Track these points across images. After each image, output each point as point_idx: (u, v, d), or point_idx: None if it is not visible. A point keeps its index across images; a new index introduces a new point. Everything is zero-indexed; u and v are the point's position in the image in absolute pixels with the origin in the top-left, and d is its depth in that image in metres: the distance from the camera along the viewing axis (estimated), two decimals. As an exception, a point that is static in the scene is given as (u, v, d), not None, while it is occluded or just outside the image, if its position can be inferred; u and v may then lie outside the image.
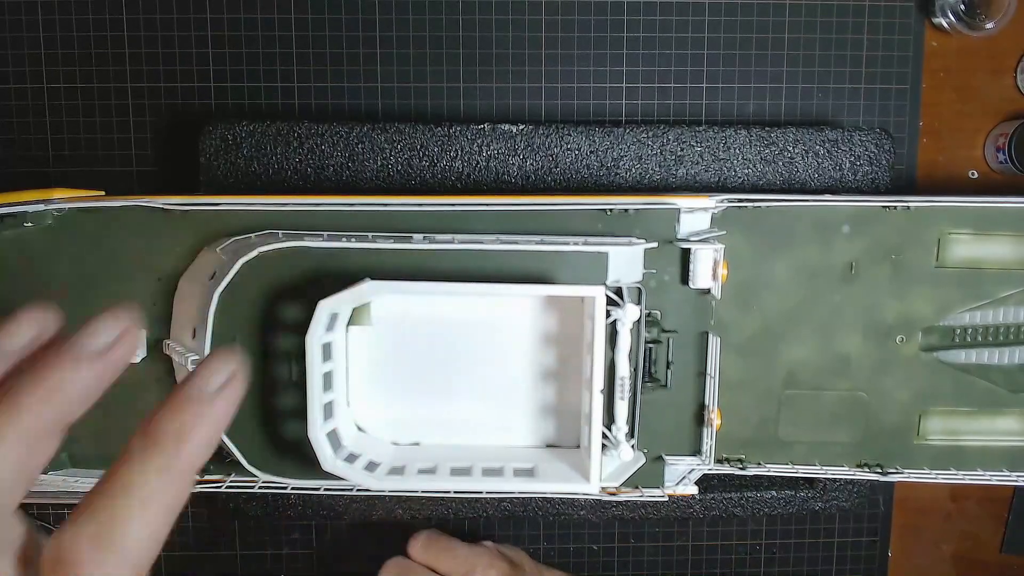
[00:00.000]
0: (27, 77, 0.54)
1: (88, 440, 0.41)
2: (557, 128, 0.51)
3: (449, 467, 0.38)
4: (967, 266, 0.44)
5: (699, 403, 0.43)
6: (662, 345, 0.42)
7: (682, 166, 0.51)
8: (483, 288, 0.36)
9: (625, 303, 0.37)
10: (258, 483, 0.40)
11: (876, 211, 0.43)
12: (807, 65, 0.55)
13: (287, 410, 0.39)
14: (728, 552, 0.58)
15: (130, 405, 0.41)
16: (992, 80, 0.56)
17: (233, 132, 0.50)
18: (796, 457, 0.45)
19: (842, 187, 0.51)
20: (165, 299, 0.40)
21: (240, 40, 0.54)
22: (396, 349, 0.41)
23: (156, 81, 0.54)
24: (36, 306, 0.23)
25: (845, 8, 0.55)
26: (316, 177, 0.50)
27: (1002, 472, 0.45)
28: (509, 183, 0.51)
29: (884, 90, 0.55)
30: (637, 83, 0.55)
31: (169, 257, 0.40)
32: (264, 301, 0.38)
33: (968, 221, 0.43)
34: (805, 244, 0.43)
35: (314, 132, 0.50)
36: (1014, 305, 0.45)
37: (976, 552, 0.60)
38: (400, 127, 0.51)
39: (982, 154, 0.57)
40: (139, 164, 0.55)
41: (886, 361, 0.44)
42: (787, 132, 0.51)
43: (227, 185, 0.50)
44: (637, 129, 0.51)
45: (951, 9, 0.53)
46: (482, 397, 0.42)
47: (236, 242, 0.39)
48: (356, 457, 0.38)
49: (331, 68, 0.54)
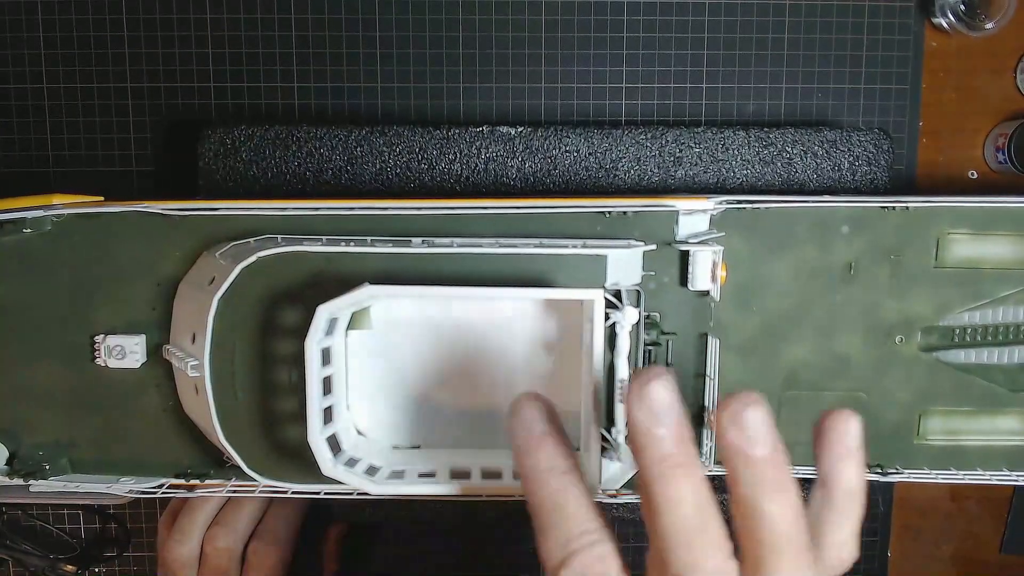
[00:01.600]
0: (27, 77, 0.54)
1: (88, 445, 0.41)
2: (555, 130, 0.51)
3: (449, 470, 0.38)
4: (966, 266, 0.44)
5: (699, 405, 0.43)
6: (661, 347, 0.42)
7: (681, 167, 0.51)
8: (482, 292, 0.36)
9: (624, 306, 0.37)
10: (258, 487, 0.40)
11: (875, 211, 0.43)
12: (807, 65, 0.55)
13: (287, 415, 0.39)
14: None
15: (129, 410, 0.41)
16: (992, 80, 0.56)
17: (232, 136, 0.50)
18: (796, 458, 0.45)
19: (841, 188, 0.51)
20: (164, 304, 0.40)
21: (240, 40, 0.54)
22: (396, 353, 0.41)
23: (156, 81, 0.54)
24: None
25: (845, 8, 0.54)
26: (315, 181, 0.50)
27: (1002, 472, 0.45)
28: (508, 185, 0.51)
29: (884, 90, 0.55)
30: (636, 83, 0.55)
31: (168, 262, 0.40)
32: (263, 305, 0.38)
33: (967, 221, 0.43)
34: (804, 245, 0.43)
35: (313, 136, 0.50)
36: (1014, 305, 0.44)
37: (976, 552, 0.60)
38: (399, 130, 0.51)
39: (982, 154, 0.57)
40: (139, 164, 0.55)
41: (886, 361, 0.44)
42: (786, 133, 0.51)
43: (226, 189, 0.50)
44: (636, 131, 0.51)
45: (951, 9, 0.53)
46: (482, 400, 0.42)
47: (235, 247, 0.39)
48: (356, 461, 0.38)
49: (331, 68, 0.54)
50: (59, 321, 0.40)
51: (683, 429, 0.27)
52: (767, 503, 0.26)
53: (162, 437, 0.41)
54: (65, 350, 0.40)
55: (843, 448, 0.28)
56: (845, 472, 0.28)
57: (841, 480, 0.28)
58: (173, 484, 0.41)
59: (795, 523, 0.27)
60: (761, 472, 0.26)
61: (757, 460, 0.26)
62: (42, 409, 0.41)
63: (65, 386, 0.41)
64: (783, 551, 0.26)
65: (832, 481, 0.28)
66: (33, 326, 0.40)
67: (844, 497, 0.28)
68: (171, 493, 0.41)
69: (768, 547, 0.26)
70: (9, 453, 0.41)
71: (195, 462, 0.42)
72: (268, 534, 0.47)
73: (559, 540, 0.27)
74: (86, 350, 0.40)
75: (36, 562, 0.57)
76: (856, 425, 0.29)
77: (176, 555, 0.46)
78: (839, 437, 0.28)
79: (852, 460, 0.28)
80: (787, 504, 0.26)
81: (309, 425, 0.36)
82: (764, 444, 0.26)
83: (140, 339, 0.40)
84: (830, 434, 0.29)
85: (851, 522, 0.29)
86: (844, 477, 0.28)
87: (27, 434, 0.41)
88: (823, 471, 0.29)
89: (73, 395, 0.41)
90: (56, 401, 0.41)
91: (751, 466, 0.26)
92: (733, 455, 0.27)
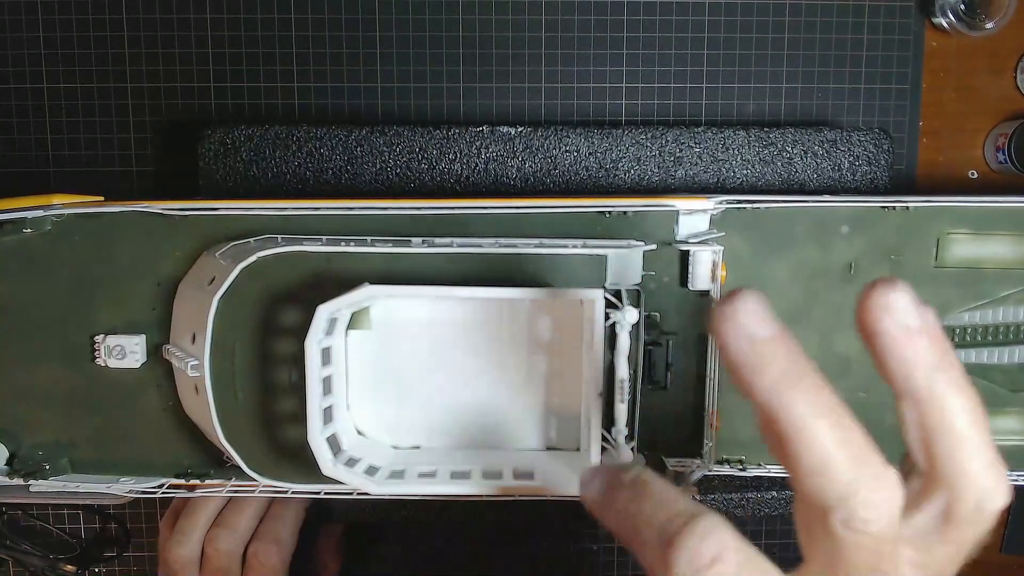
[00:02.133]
0: (27, 77, 0.54)
1: (88, 445, 0.41)
2: (556, 130, 0.51)
3: (449, 471, 0.38)
4: (966, 266, 0.44)
5: (699, 405, 0.43)
6: (661, 347, 0.42)
7: (681, 167, 0.51)
8: (482, 291, 0.36)
9: (624, 306, 0.37)
10: (258, 487, 0.40)
11: (875, 211, 0.43)
12: (807, 65, 0.55)
13: (287, 415, 0.39)
14: (728, 552, 0.58)
15: (129, 410, 0.41)
16: (992, 80, 0.56)
17: (232, 136, 0.50)
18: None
19: (841, 187, 0.51)
20: (165, 303, 0.40)
21: (240, 40, 0.54)
22: (396, 353, 0.41)
23: (156, 81, 0.54)
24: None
25: (845, 8, 0.54)
26: (315, 180, 0.50)
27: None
28: (508, 185, 0.51)
29: (884, 90, 0.55)
30: (636, 83, 0.55)
31: (168, 262, 0.40)
32: (263, 305, 0.38)
33: (967, 221, 0.43)
34: (804, 245, 0.43)
35: (313, 136, 0.50)
36: (1014, 305, 0.44)
37: (976, 552, 0.60)
38: (399, 130, 0.51)
39: (982, 154, 0.57)
40: (139, 164, 0.55)
41: None
42: (786, 133, 0.51)
43: (226, 189, 0.50)
44: (636, 130, 0.51)
45: (951, 9, 0.53)
46: (482, 400, 0.42)
47: (235, 247, 0.39)
48: (356, 461, 0.38)
49: (331, 68, 0.54)
50: (59, 321, 0.40)
51: (789, 339, 0.23)
52: (950, 395, 0.23)
53: (162, 437, 0.41)
54: (65, 350, 0.40)
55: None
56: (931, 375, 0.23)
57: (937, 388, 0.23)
58: (173, 484, 0.41)
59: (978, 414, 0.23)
60: (935, 357, 0.23)
61: (926, 344, 0.23)
62: (42, 409, 0.41)
63: (65, 386, 0.41)
64: (972, 442, 0.23)
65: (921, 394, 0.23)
66: (33, 326, 0.40)
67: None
68: (171, 493, 0.41)
69: (958, 438, 0.23)
70: (9, 453, 0.41)
71: (195, 462, 0.42)
72: (269, 535, 0.47)
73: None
74: (86, 350, 0.40)
75: (36, 562, 0.57)
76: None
77: (177, 556, 0.46)
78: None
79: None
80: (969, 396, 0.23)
81: (309, 425, 0.36)
82: (924, 324, 0.23)
83: (140, 339, 0.40)
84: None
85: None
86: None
87: (27, 434, 0.41)
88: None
89: (73, 395, 0.41)
90: (56, 401, 0.41)
91: (924, 351, 0.23)
92: (895, 344, 0.23)
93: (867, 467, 0.23)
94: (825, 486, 0.22)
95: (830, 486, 0.22)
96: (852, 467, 0.22)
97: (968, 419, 0.23)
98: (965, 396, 0.23)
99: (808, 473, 0.23)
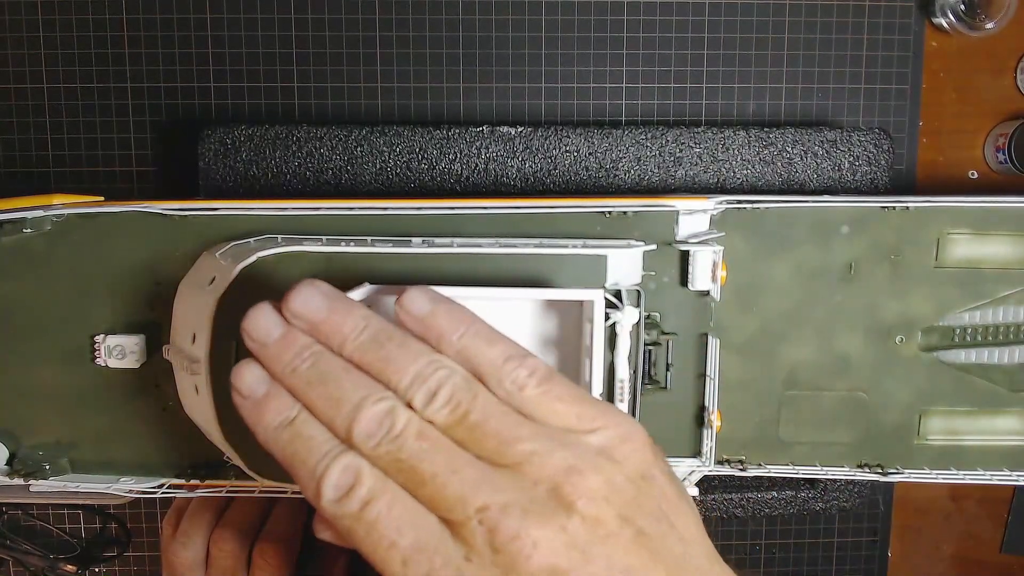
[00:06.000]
0: (27, 77, 0.54)
1: (88, 445, 0.41)
2: (556, 130, 0.51)
3: None
4: (966, 266, 0.44)
5: (699, 405, 0.43)
6: (661, 347, 0.42)
7: (681, 167, 0.51)
8: (482, 292, 0.36)
9: (624, 306, 0.37)
10: (258, 487, 0.40)
11: (875, 211, 0.43)
12: (807, 65, 0.55)
13: None
14: (728, 552, 0.58)
15: (129, 410, 0.41)
16: (992, 80, 0.56)
17: (232, 136, 0.50)
18: (796, 458, 0.45)
19: (841, 187, 0.51)
20: (164, 304, 0.40)
21: (240, 40, 0.54)
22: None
23: (156, 81, 0.54)
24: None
25: (845, 8, 0.54)
26: (315, 180, 0.50)
27: (1002, 472, 0.45)
28: (508, 185, 0.51)
29: (884, 90, 0.55)
30: (636, 83, 0.55)
31: (168, 262, 0.40)
32: None
33: (967, 221, 0.43)
34: (804, 245, 0.43)
35: (313, 136, 0.50)
36: (1014, 304, 0.44)
37: (976, 552, 0.60)
38: (399, 130, 0.51)
39: (982, 154, 0.57)
40: (139, 164, 0.55)
41: (886, 361, 0.44)
42: (785, 133, 0.51)
43: (226, 189, 0.50)
44: (636, 131, 0.51)
45: (951, 9, 0.53)
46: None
47: (235, 247, 0.39)
48: (356, 461, 0.38)
49: (331, 68, 0.54)
50: (59, 321, 0.40)
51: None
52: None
53: (162, 437, 0.41)
54: (65, 350, 0.40)
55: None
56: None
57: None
58: (173, 484, 0.41)
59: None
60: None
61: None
62: (42, 409, 0.41)
63: (65, 386, 0.41)
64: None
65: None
66: (33, 326, 0.40)
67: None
68: (171, 493, 0.41)
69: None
70: (9, 453, 0.41)
71: (195, 462, 0.42)
72: (273, 535, 0.47)
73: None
74: (86, 350, 0.40)
75: (36, 562, 0.57)
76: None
77: (182, 558, 0.46)
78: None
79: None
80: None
81: (309, 425, 0.36)
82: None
83: (140, 339, 0.40)
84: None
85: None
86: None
87: (27, 434, 0.41)
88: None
89: (73, 395, 0.41)
90: (56, 401, 0.41)
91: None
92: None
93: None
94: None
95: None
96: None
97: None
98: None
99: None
